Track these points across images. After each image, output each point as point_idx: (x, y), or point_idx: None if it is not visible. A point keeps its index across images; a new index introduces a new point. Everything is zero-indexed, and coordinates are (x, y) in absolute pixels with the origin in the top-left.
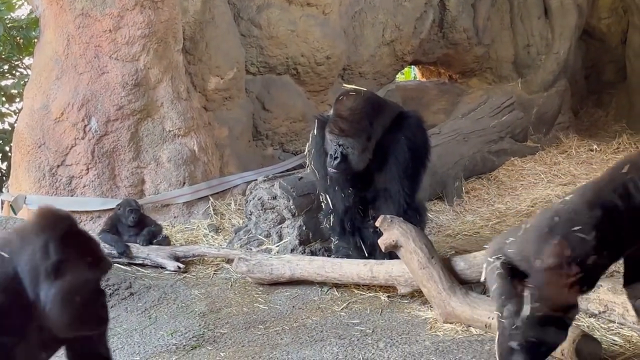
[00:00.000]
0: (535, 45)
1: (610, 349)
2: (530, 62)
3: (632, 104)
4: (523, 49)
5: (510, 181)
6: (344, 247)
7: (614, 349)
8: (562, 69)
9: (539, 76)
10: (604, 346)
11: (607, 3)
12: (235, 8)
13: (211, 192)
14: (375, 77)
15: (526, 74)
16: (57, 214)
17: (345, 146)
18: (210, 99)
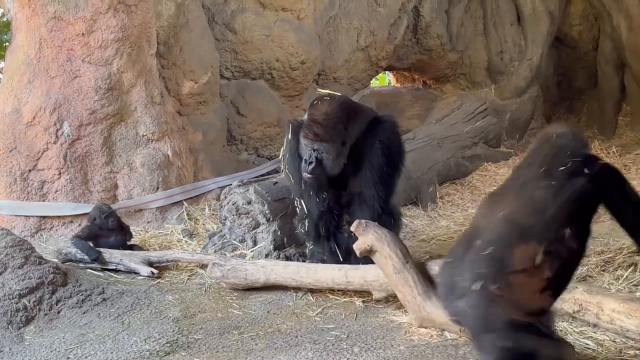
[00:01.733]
0: (508, 52)
1: (583, 353)
2: (504, 69)
3: (603, 110)
4: (496, 55)
5: (483, 186)
6: (318, 252)
7: (587, 353)
8: (534, 75)
9: (512, 82)
10: (577, 350)
11: (579, 10)
12: (210, 12)
13: (185, 197)
14: (349, 83)
15: (499, 80)
16: None
17: (319, 151)
18: (185, 104)
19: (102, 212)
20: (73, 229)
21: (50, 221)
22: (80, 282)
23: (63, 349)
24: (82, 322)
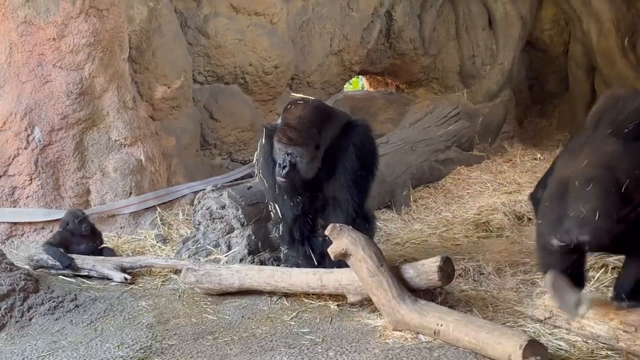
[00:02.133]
0: (480, 56)
1: (557, 354)
2: (476, 73)
3: (574, 113)
4: (468, 59)
5: (457, 190)
6: (293, 256)
7: (559, 354)
8: (506, 79)
9: (484, 86)
10: (550, 351)
11: (550, 15)
12: (182, 17)
13: (158, 202)
14: (323, 87)
15: (471, 84)
16: None
17: (293, 155)
18: (157, 108)
19: (75, 218)
20: (45, 235)
21: (21, 227)
22: (52, 289)
23: (35, 356)
24: (54, 329)
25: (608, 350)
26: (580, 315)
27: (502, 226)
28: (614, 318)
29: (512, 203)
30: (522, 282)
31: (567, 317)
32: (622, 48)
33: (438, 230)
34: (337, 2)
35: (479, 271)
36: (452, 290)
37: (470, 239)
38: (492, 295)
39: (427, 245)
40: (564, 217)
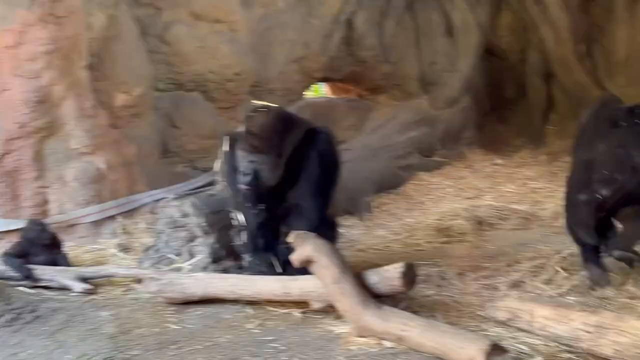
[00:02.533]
0: (440, 63)
1: (519, 357)
2: (436, 79)
3: (531, 119)
4: (428, 66)
5: (418, 195)
6: (256, 264)
7: (522, 357)
8: (465, 86)
9: (444, 93)
10: (513, 354)
11: (507, 22)
12: (142, 24)
13: (119, 211)
14: (285, 94)
15: (432, 90)
16: None
17: (257, 163)
18: (118, 116)
19: (35, 228)
20: (3, 246)
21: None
22: (10, 301)
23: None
24: (13, 342)
25: (569, 353)
26: (602, 287)
27: (464, 231)
28: (575, 319)
29: (473, 208)
30: (483, 287)
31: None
32: (578, 55)
33: (400, 236)
34: (297, 10)
35: (442, 276)
36: (415, 296)
37: (432, 245)
38: (454, 300)
39: (389, 251)
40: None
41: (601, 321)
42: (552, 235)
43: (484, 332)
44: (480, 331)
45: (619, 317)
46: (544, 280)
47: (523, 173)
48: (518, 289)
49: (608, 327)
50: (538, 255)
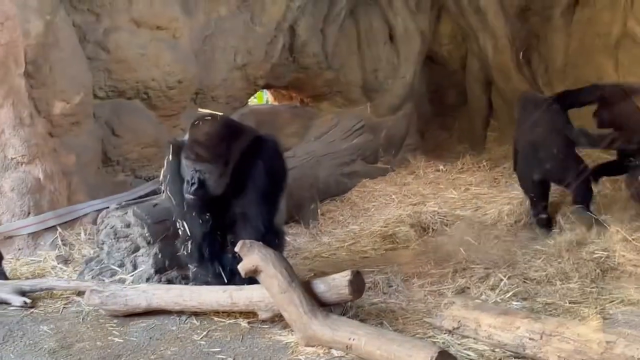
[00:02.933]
0: (382, 70)
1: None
2: (378, 86)
3: (473, 126)
4: (371, 73)
5: (362, 202)
6: (202, 274)
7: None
8: (408, 93)
9: (387, 100)
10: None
11: (448, 30)
12: (81, 31)
13: (59, 222)
14: (228, 101)
15: (374, 97)
16: None
17: (202, 172)
18: (56, 125)
19: None
20: None
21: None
22: None
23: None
24: None
25: (515, 358)
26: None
27: (409, 238)
28: (520, 326)
29: (417, 215)
30: (429, 293)
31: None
32: (517, 63)
33: (346, 243)
34: (240, 16)
35: (388, 283)
36: (362, 304)
37: (377, 252)
38: (401, 307)
39: (335, 258)
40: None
41: (545, 328)
42: (496, 240)
43: (432, 339)
44: (427, 338)
45: (562, 324)
46: (490, 286)
47: (465, 179)
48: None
49: (552, 333)
50: (483, 260)
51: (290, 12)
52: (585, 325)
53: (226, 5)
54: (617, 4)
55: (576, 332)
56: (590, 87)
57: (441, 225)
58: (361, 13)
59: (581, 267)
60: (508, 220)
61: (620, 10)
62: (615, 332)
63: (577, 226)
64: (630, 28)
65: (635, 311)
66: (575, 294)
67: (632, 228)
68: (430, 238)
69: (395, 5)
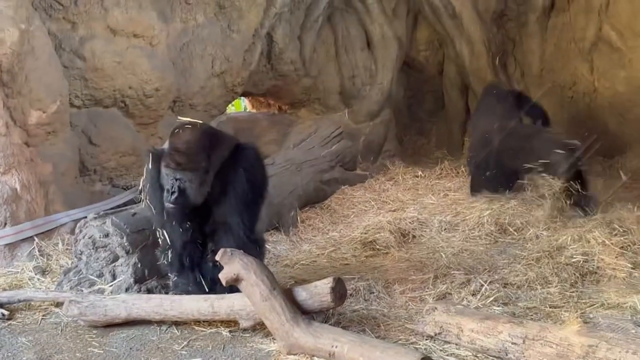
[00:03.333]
0: (360, 76)
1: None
2: (356, 93)
3: (450, 131)
4: (348, 80)
5: (342, 209)
6: (183, 283)
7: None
8: (386, 99)
9: (365, 106)
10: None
11: (424, 36)
12: (57, 39)
13: (36, 232)
14: (206, 109)
15: (352, 104)
16: None
17: (182, 180)
18: (32, 134)
19: None
20: None
21: None
22: None
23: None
24: None
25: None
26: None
27: (389, 244)
28: (502, 331)
29: (397, 221)
30: (411, 300)
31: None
32: (493, 68)
33: (326, 250)
34: (217, 24)
35: (369, 290)
36: (344, 311)
37: (358, 258)
38: (383, 313)
39: (316, 266)
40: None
41: (527, 332)
42: (475, 246)
43: (414, 345)
44: (410, 344)
45: (544, 328)
46: (471, 291)
47: (444, 185)
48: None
49: (534, 338)
50: (463, 266)
51: (267, 19)
52: (567, 330)
53: (203, 13)
54: (592, 9)
55: (558, 336)
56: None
57: (421, 231)
58: (338, 20)
59: (561, 271)
60: (488, 225)
61: (595, 15)
62: (596, 336)
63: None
64: (605, 33)
65: (615, 314)
66: (555, 298)
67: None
68: (411, 244)
69: (372, 12)
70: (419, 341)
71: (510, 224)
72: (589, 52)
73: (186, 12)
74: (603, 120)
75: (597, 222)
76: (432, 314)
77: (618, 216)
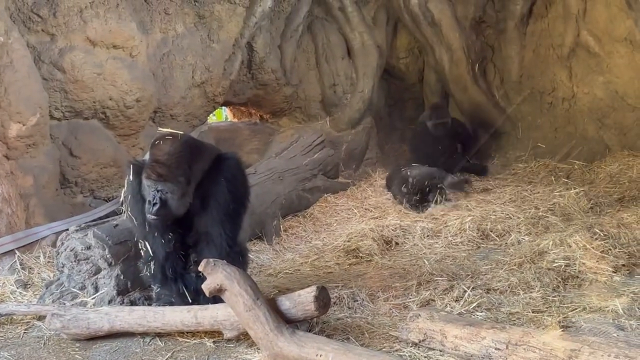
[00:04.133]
0: (341, 85)
1: None
2: (337, 101)
3: None
4: (329, 88)
5: (325, 217)
6: (166, 295)
7: None
8: (367, 107)
9: (346, 114)
10: None
11: (404, 44)
12: (36, 51)
13: (17, 246)
14: (187, 119)
15: (334, 112)
16: None
17: (164, 191)
18: (12, 147)
19: None
20: None
21: None
22: None
23: None
24: None
25: None
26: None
27: (372, 252)
28: (485, 337)
29: (379, 228)
30: (394, 307)
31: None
32: (473, 75)
33: (310, 259)
34: (197, 33)
35: (353, 298)
36: (328, 320)
37: (341, 267)
38: (367, 321)
39: (299, 274)
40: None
41: (510, 338)
42: (458, 252)
43: (398, 353)
44: (394, 352)
45: (527, 333)
46: (454, 297)
47: None
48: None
49: (517, 343)
50: (446, 272)
51: (247, 28)
52: (550, 334)
53: (182, 23)
54: (570, 15)
55: (541, 341)
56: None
57: (403, 238)
58: (318, 29)
59: (543, 276)
60: (470, 231)
61: (573, 21)
62: (579, 340)
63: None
64: (582, 38)
65: (597, 318)
66: (538, 303)
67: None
68: (394, 251)
69: (352, 21)
70: (403, 348)
71: (492, 229)
72: (568, 58)
73: (166, 22)
74: (582, 125)
75: (578, 226)
76: (415, 320)
77: (599, 221)
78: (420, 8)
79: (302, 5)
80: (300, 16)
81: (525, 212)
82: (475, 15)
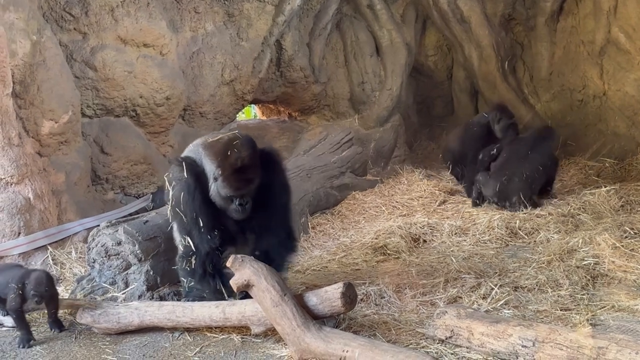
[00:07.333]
0: (369, 82)
1: None
2: (365, 99)
3: None
4: (358, 86)
5: (353, 215)
6: (197, 289)
7: None
8: (395, 105)
9: (374, 112)
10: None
11: (433, 41)
12: (68, 50)
13: (49, 242)
14: (216, 117)
15: (362, 110)
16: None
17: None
18: (45, 144)
19: None
20: None
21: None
22: None
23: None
24: None
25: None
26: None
27: (399, 249)
28: (512, 334)
29: (407, 226)
30: (421, 304)
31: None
32: (502, 72)
33: (337, 256)
34: (226, 32)
35: (380, 295)
36: (355, 316)
37: (369, 264)
38: (394, 318)
39: (327, 271)
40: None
41: (537, 335)
42: (486, 250)
43: (425, 349)
44: (420, 348)
45: (554, 330)
46: (481, 295)
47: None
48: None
49: (544, 340)
50: (474, 270)
51: (276, 26)
52: (577, 332)
53: (212, 21)
54: (601, 12)
55: (568, 338)
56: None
57: (431, 235)
58: (347, 26)
59: (571, 274)
60: (498, 229)
61: (604, 17)
62: (607, 338)
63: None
64: (613, 35)
65: (626, 317)
66: (566, 301)
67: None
68: (421, 249)
69: (381, 18)
70: (429, 345)
71: (521, 227)
72: (598, 55)
73: (195, 21)
74: (613, 122)
75: (608, 224)
76: (442, 317)
77: (629, 219)
78: (450, 5)
79: (331, 3)
80: (329, 14)
81: (556, 209)
82: (505, 12)
